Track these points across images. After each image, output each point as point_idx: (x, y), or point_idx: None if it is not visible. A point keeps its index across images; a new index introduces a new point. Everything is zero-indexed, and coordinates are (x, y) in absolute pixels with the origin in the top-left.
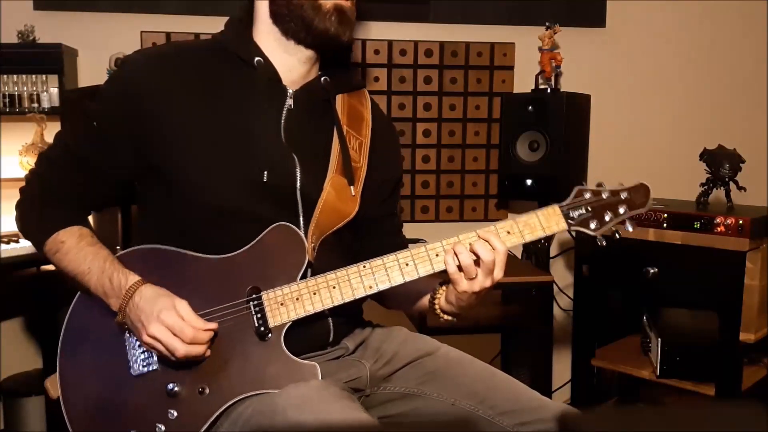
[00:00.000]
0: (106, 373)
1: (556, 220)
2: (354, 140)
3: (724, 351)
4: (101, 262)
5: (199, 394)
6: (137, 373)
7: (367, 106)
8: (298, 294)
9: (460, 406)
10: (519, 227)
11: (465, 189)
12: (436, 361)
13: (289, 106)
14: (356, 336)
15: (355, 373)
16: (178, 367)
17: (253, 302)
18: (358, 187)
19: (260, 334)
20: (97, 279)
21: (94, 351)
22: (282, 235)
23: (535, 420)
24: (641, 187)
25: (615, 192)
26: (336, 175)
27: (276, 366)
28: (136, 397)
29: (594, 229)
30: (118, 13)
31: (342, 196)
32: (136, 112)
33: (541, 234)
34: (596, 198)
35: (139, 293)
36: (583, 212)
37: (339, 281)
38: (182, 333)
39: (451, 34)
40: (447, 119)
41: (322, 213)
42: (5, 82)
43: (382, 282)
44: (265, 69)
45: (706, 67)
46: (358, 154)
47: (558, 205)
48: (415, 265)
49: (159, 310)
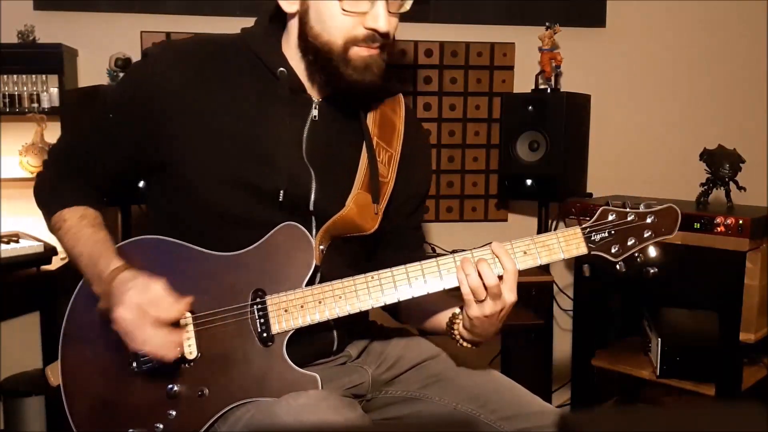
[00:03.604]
0: (106, 367)
1: (576, 243)
2: (384, 153)
3: (724, 351)
4: (92, 246)
5: (199, 396)
6: (137, 371)
7: (400, 114)
8: (303, 301)
9: (462, 409)
10: (537, 248)
11: (465, 189)
12: (438, 365)
13: (313, 117)
14: (359, 342)
15: (357, 379)
16: (179, 367)
17: (257, 306)
18: (383, 204)
19: (262, 340)
20: (85, 264)
21: (96, 343)
22: (290, 235)
23: (535, 425)
24: (670, 211)
25: (642, 215)
26: (361, 191)
27: (276, 374)
28: (137, 394)
29: (615, 255)
30: (118, 13)
31: (364, 213)
32: (152, 110)
33: (559, 257)
34: (621, 220)
35: (117, 278)
36: (606, 236)
37: (345, 291)
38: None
39: (451, 34)
40: (447, 119)
41: (334, 223)
42: (5, 82)
43: (389, 295)
44: (288, 79)
45: (706, 67)
46: (386, 168)
47: (581, 227)
48: (425, 280)
49: (129, 292)
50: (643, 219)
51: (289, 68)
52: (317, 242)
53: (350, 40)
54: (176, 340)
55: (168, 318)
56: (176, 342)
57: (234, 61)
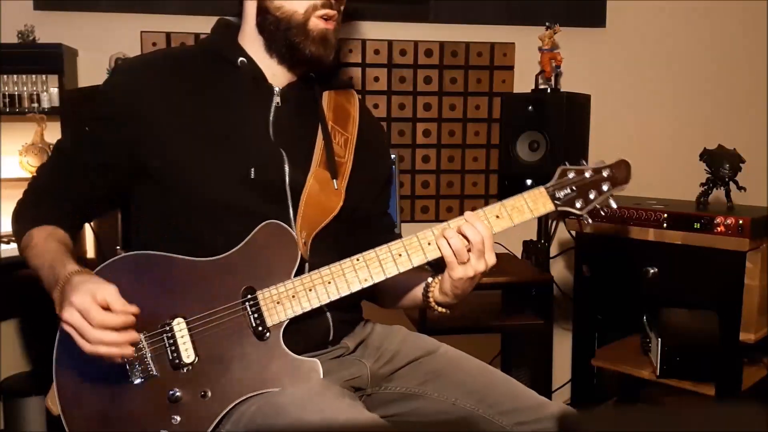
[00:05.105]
0: (105, 383)
1: (543, 202)
2: (340, 136)
3: (724, 351)
4: (53, 256)
5: (201, 397)
6: (137, 381)
7: (354, 105)
8: (294, 291)
9: (460, 405)
10: (507, 210)
11: (465, 189)
12: (436, 361)
13: (276, 104)
14: (356, 335)
15: (356, 371)
16: (179, 372)
17: (248, 302)
18: (342, 181)
19: (258, 334)
20: (45, 274)
21: (91, 363)
22: (272, 232)
23: (533, 419)
24: (622, 163)
25: (597, 170)
26: (319, 168)
27: (276, 364)
28: (139, 405)
29: (580, 208)
30: (118, 13)
31: (325, 189)
32: (126, 117)
33: (528, 216)
34: (580, 177)
35: (69, 282)
36: (569, 192)
37: (334, 276)
38: (89, 316)
39: (451, 34)
40: (447, 119)
41: (307, 206)
42: (5, 82)
43: (376, 274)
44: (248, 69)
45: (706, 67)
46: (343, 150)
47: (543, 186)
48: (408, 255)
49: (73, 294)
50: (599, 173)
51: (249, 58)
52: (298, 236)
53: (310, 7)
54: (127, 338)
55: (113, 323)
56: (127, 340)
57: (196, 62)
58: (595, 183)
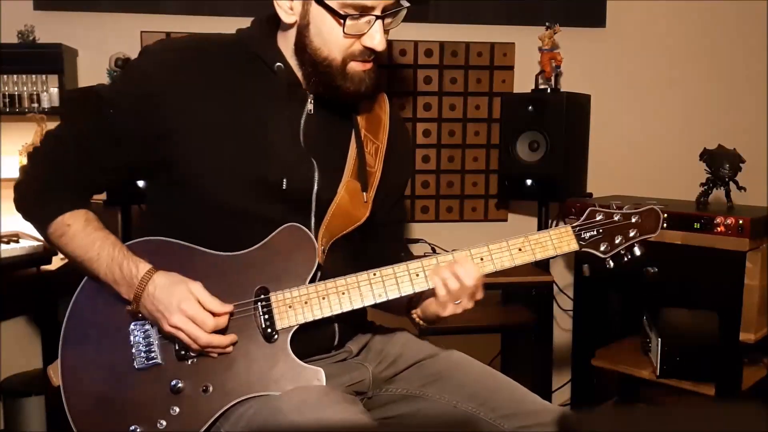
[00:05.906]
0: (108, 364)
1: (567, 240)
2: (371, 145)
3: (724, 351)
4: (110, 249)
5: (203, 392)
6: (141, 367)
7: (385, 110)
8: (307, 297)
9: (461, 408)
10: (531, 245)
11: (465, 189)
12: (438, 364)
13: (308, 111)
14: (360, 339)
15: (357, 376)
16: (183, 363)
17: (261, 303)
18: (371, 192)
19: (267, 336)
20: (106, 266)
21: (97, 342)
22: (293, 235)
23: (535, 423)
24: (652, 212)
25: (627, 215)
26: (351, 179)
27: (280, 368)
28: (139, 391)
29: (604, 252)
30: (118, 13)
31: (354, 201)
32: (152, 108)
33: (551, 253)
34: (608, 220)
35: (152, 283)
36: (594, 234)
37: (349, 287)
38: (204, 323)
39: (451, 34)
40: (447, 119)
41: (333, 216)
42: (5, 82)
43: (391, 291)
44: (285, 74)
45: (706, 67)
46: (374, 159)
47: (570, 225)
48: (425, 276)
49: (179, 300)
50: (628, 219)
51: (286, 63)
52: (319, 242)
53: (348, 56)
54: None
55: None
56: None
57: (232, 59)
58: (622, 228)
